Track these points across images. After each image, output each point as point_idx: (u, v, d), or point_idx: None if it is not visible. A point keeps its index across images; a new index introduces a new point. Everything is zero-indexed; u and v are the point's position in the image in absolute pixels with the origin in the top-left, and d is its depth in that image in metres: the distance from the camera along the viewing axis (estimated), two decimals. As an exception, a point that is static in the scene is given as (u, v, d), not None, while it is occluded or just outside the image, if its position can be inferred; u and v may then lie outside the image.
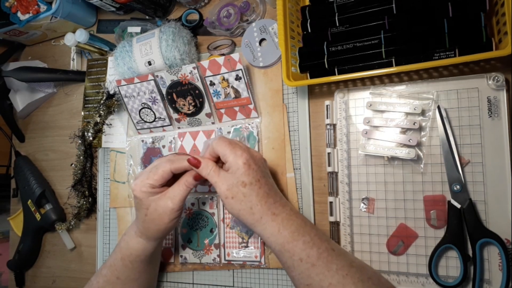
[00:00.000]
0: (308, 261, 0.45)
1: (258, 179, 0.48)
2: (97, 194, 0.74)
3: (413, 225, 0.51)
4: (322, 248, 0.46)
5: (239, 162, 0.47)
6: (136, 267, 0.56)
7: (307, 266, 0.45)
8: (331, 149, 0.56)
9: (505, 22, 0.43)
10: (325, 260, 0.45)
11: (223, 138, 0.50)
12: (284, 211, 0.49)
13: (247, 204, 0.48)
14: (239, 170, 0.47)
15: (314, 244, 0.46)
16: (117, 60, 0.65)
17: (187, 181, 0.51)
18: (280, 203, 0.49)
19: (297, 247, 0.46)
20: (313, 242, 0.46)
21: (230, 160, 0.48)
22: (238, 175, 0.47)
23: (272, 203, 0.48)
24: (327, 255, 0.46)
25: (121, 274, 0.56)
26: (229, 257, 0.61)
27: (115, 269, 0.56)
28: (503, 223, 0.47)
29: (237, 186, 0.47)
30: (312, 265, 0.45)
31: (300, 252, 0.46)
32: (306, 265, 0.45)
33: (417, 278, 0.50)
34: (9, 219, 0.84)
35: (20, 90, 0.82)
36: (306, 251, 0.46)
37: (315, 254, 0.45)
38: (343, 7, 0.53)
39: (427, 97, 0.51)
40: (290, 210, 0.49)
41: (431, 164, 0.51)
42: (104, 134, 0.73)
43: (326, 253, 0.46)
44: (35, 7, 0.73)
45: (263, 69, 0.62)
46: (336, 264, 0.45)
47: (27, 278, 0.83)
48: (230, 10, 0.63)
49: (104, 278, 0.57)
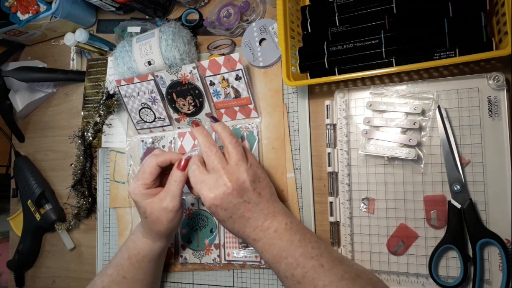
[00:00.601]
0: (293, 279, 0.46)
1: (229, 216, 0.48)
2: (97, 194, 0.74)
3: (413, 225, 0.51)
4: (307, 267, 0.45)
5: (206, 203, 0.47)
6: (143, 267, 0.56)
7: (293, 283, 0.46)
8: (331, 149, 0.56)
9: (505, 22, 0.43)
10: (311, 278, 0.45)
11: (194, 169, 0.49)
12: (265, 236, 0.48)
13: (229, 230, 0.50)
14: (210, 209, 0.48)
15: (298, 265, 0.46)
16: (117, 60, 0.65)
17: (174, 175, 0.51)
18: (262, 227, 0.48)
19: (281, 268, 0.47)
20: (297, 263, 0.46)
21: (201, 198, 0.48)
22: (211, 212, 0.49)
23: (251, 231, 0.48)
24: (313, 273, 0.45)
25: (128, 273, 0.56)
26: (229, 257, 0.61)
27: (121, 268, 0.56)
28: (504, 223, 0.47)
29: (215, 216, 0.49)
30: (298, 283, 0.46)
31: (284, 272, 0.47)
32: (292, 281, 0.46)
33: (417, 278, 0.50)
34: (8, 219, 0.84)
35: (20, 90, 0.82)
36: (290, 271, 0.46)
37: (300, 273, 0.45)
38: (343, 7, 0.53)
39: (427, 97, 0.51)
40: (274, 233, 0.48)
41: (432, 164, 0.50)
42: (104, 134, 0.73)
43: (312, 271, 0.45)
44: (34, 7, 0.73)
45: (263, 69, 0.62)
46: (323, 280, 0.45)
47: (27, 278, 0.82)
48: (230, 10, 0.63)
49: (110, 278, 0.57)
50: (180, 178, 0.51)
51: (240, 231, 0.49)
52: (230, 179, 0.47)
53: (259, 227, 0.48)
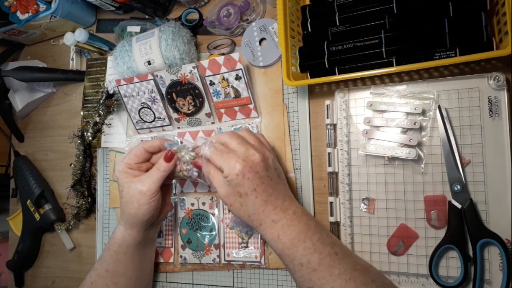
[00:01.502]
0: (309, 266, 0.45)
1: (254, 189, 0.46)
2: (97, 194, 0.74)
3: (413, 225, 0.51)
4: (324, 254, 0.45)
5: (232, 174, 0.46)
6: (120, 259, 0.56)
7: (308, 271, 0.45)
8: (332, 149, 0.55)
9: (505, 21, 0.43)
10: (327, 265, 0.45)
11: (217, 147, 0.48)
12: (285, 217, 0.47)
13: (245, 212, 0.48)
14: (233, 181, 0.46)
15: (316, 250, 0.45)
16: (116, 60, 0.65)
17: (158, 164, 0.52)
18: (282, 207, 0.48)
19: (297, 253, 0.46)
20: (315, 248, 0.45)
21: (225, 171, 0.47)
22: (234, 185, 0.46)
23: (272, 209, 0.47)
24: (329, 260, 0.45)
25: (109, 266, 0.56)
26: (229, 257, 0.61)
27: (104, 260, 0.57)
28: (504, 223, 0.47)
29: (233, 195, 0.47)
30: (313, 270, 0.45)
31: (300, 258, 0.45)
32: (306, 269, 0.45)
33: (417, 278, 0.50)
34: (8, 219, 0.84)
35: (19, 89, 0.82)
36: (307, 257, 0.45)
37: (316, 259, 0.45)
38: (343, 7, 0.53)
39: (427, 97, 0.51)
40: (293, 214, 0.48)
41: (432, 164, 0.50)
42: (103, 134, 0.72)
43: (328, 258, 0.45)
44: (34, 7, 0.73)
45: (263, 68, 0.62)
46: (339, 268, 0.45)
47: (27, 278, 0.82)
48: (230, 9, 0.63)
49: (96, 272, 0.57)
50: (164, 168, 0.51)
51: (260, 209, 0.47)
52: (258, 151, 0.47)
53: (279, 206, 0.48)
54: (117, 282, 0.56)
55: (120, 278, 0.57)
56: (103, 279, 0.56)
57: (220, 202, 0.63)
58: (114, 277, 0.56)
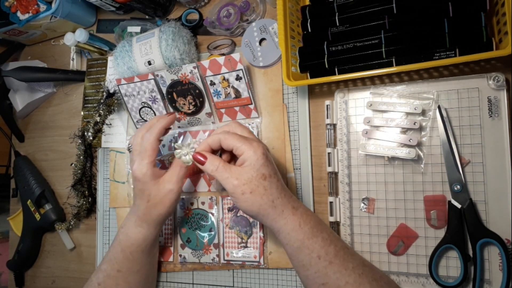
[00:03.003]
0: (326, 259, 0.44)
1: (276, 171, 0.47)
2: (97, 194, 0.74)
3: (413, 225, 0.51)
4: (338, 246, 0.45)
5: (258, 153, 0.45)
6: (137, 258, 0.56)
7: (325, 264, 0.44)
8: (331, 149, 0.56)
9: (505, 22, 0.43)
10: (342, 259, 0.44)
11: (232, 134, 0.47)
12: (301, 205, 0.48)
13: (268, 197, 0.45)
14: (258, 162, 0.45)
15: (332, 241, 0.45)
16: (116, 60, 0.65)
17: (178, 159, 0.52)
18: (295, 197, 0.48)
19: (317, 244, 0.45)
20: (331, 240, 0.45)
21: (247, 153, 0.45)
22: (258, 167, 0.45)
23: (290, 196, 0.47)
24: (343, 253, 0.45)
25: (122, 266, 0.56)
26: (228, 257, 0.61)
27: (115, 262, 0.56)
28: (504, 223, 0.47)
29: (257, 179, 0.45)
30: (330, 263, 0.44)
31: (319, 249, 0.44)
32: (324, 263, 0.44)
33: (417, 278, 0.50)
34: (8, 219, 0.84)
35: (20, 90, 0.82)
36: (325, 248, 0.45)
37: (333, 251, 0.44)
38: (343, 7, 0.53)
39: (427, 97, 0.51)
40: (304, 205, 0.49)
41: (432, 164, 0.50)
42: (103, 134, 0.73)
43: (343, 251, 0.45)
44: (34, 7, 0.73)
45: (263, 69, 0.62)
46: (352, 262, 0.45)
47: (27, 278, 0.82)
48: (230, 9, 0.63)
49: (104, 273, 0.56)
50: None
51: (282, 194, 0.46)
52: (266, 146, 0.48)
53: (293, 195, 0.48)
54: (130, 281, 0.57)
55: (133, 276, 0.57)
56: (114, 279, 0.56)
57: (219, 201, 0.63)
58: (127, 276, 0.56)
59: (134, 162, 0.53)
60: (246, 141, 0.46)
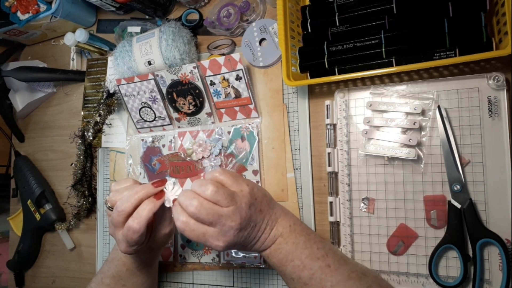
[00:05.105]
0: (300, 281, 0.46)
1: (242, 246, 0.47)
2: (97, 194, 0.74)
3: (413, 225, 0.51)
4: (314, 269, 0.45)
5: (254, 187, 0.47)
6: (144, 272, 0.56)
7: (300, 285, 0.46)
8: (331, 149, 0.56)
9: (505, 22, 0.43)
10: (318, 280, 0.45)
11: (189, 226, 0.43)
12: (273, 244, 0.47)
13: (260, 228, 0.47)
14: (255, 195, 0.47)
15: (305, 267, 0.46)
16: (117, 60, 0.65)
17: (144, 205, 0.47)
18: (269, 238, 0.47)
19: (287, 271, 0.47)
20: (304, 265, 0.46)
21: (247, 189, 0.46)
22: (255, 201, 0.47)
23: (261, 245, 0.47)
24: (320, 274, 0.45)
25: (128, 281, 0.56)
26: (228, 257, 0.61)
27: (120, 278, 0.55)
28: (503, 223, 0.47)
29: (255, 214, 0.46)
30: (305, 284, 0.45)
31: (290, 274, 0.46)
32: (298, 283, 0.46)
33: (417, 278, 0.50)
34: (8, 219, 0.84)
35: (20, 90, 0.82)
36: (296, 273, 0.46)
37: (307, 275, 0.45)
38: (343, 7, 0.53)
39: (427, 97, 0.51)
40: (280, 238, 0.47)
41: (431, 164, 0.50)
42: (104, 134, 0.73)
43: (320, 272, 0.45)
44: (34, 7, 0.73)
45: (263, 69, 0.62)
46: (331, 281, 0.45)
47: (27, 278, 0.82)
48: (230, 9, 0.63)
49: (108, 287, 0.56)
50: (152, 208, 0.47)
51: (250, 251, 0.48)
52: (233, 220, 0.43)
53: (267, 239, 0.47)
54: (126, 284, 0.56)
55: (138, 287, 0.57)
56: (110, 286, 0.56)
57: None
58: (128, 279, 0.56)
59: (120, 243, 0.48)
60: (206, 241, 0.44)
